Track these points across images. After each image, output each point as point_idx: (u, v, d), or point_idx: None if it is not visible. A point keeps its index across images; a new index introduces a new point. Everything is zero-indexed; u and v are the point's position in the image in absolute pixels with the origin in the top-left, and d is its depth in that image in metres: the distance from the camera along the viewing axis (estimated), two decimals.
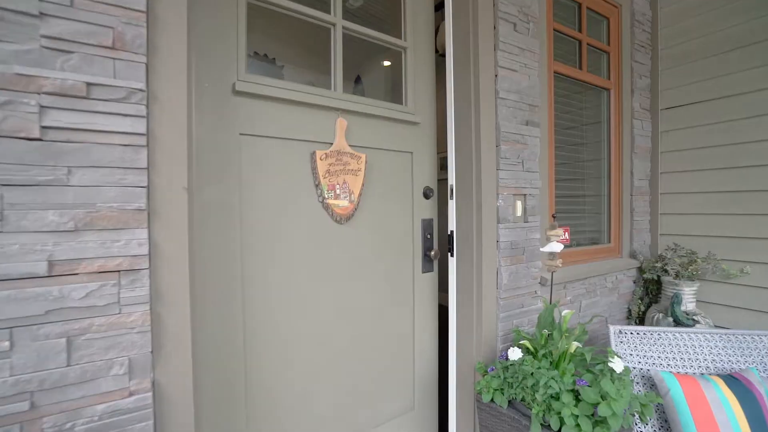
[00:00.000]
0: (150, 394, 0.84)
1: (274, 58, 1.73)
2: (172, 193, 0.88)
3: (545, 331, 1.32)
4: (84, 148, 0.77)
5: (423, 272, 1.57)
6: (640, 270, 2.21)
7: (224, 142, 1.10)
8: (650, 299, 2.21)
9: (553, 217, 1.52)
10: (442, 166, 1.65)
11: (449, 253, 1.58)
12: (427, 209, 1.59)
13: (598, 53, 2.15)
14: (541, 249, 1.44)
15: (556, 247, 1.37)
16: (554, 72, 1.82)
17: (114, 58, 0.80)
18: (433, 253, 1.57)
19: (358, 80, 1.79)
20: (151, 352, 0.84)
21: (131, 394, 0.81)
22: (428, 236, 1.58)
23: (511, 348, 1.31)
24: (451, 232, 1.57)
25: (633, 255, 2.22)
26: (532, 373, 1.20)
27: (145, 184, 0.84)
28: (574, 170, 2.09)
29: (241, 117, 1.13)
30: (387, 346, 1.48)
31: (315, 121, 1.26)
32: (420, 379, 1.58)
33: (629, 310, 2.18)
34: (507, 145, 1.52)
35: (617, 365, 1.18)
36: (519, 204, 1.57)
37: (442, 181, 1.66)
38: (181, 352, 0.89)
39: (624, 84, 2.17)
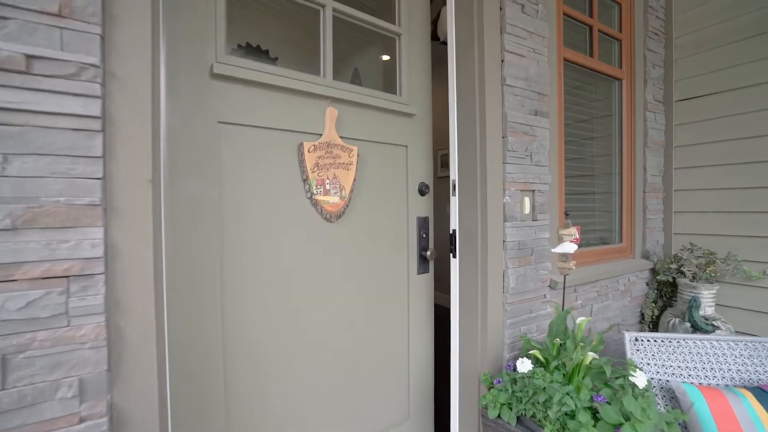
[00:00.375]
0: (106, 419, 0.72)
1: (267, 50, 1.62)
2: (133, 186, 0.77)
3: (557, 340, 1.21)
4: (24, 132, 0.66)
5: (418, 273, 1.45)
6: (654, 271, 2.09)
7: (201, 131, 0.99)
8: (664, 302, 2.09)
9: (566, 215, 1.39)
10: (443, 163, 1.54)
11: (451, 254, 1.46)
12: (423, 207, 1.47)
13: (610, 41, 2.02)
14: (553, 250, 1.32)
15: (569, 247, 1.25)
16: (564, 59, 1.70)
17: (61, 27, 0.69)
18: (429, 253, 1.45)
19: (355, 74, 1.68)
20: (108, 370, 0.73)
21: (82, 421, 0.70)
22: (424, 235, 1.46)
23: (520, 359, 1.19)
24: (454, 231, 1.45)
25: (646, 255, 2.10)
26: (544, 388, 1.08)
27: (100, 176, 0.72)
28: (584, 165, 1.97)
29: (220, 103, 1.01)
30: (380, 351, 1.36)
31: (303, 110, 1.15)
32: (415, 387, 1.47)
33: (642, 315, 2.06)
34: (514, 137, 1.40)
35: (640, 380, 1.06)
36: (527, 201, 1.45)
37: (443, 178, 1.55)
38: (145, 369, 0.78)
39: (636, 74, 2.04)
